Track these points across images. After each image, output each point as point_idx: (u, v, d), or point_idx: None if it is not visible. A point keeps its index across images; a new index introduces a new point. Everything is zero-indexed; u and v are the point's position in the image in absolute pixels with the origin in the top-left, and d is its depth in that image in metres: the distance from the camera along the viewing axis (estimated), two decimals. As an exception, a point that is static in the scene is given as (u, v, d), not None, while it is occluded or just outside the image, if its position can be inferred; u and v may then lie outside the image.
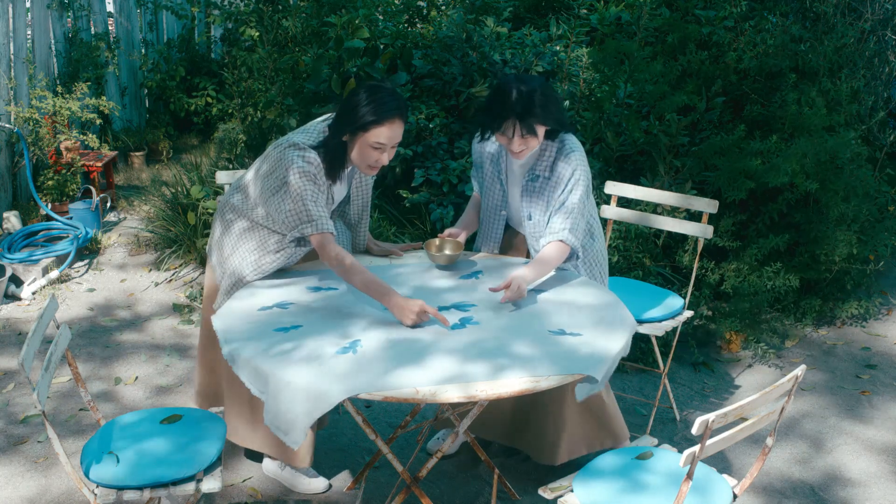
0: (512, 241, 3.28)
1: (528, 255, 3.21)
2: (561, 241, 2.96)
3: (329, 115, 2.99)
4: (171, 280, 5.06)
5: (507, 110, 2.87)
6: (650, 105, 4.76)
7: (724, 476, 2.55)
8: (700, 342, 4.41)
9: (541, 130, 2.92)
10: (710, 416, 2.15)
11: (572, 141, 3.03)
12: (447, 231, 3.16)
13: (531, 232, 3.09)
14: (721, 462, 3.48)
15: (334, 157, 2.87)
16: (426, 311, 2.64)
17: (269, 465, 3.33)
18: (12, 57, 5.66)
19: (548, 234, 2.99)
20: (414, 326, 2.63)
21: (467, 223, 3.26)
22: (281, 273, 3.02)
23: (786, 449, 3.61)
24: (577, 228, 2.99)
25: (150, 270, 5.20)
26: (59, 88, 5.92)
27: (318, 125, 2.95)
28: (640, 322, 3.46)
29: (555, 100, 2.94)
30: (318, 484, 3.26)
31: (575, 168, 2.98)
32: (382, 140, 2.81)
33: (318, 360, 2.43)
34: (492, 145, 3.14)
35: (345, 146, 2.87)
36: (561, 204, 2.98)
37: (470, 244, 3.61)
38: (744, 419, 2.32)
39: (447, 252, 3.09)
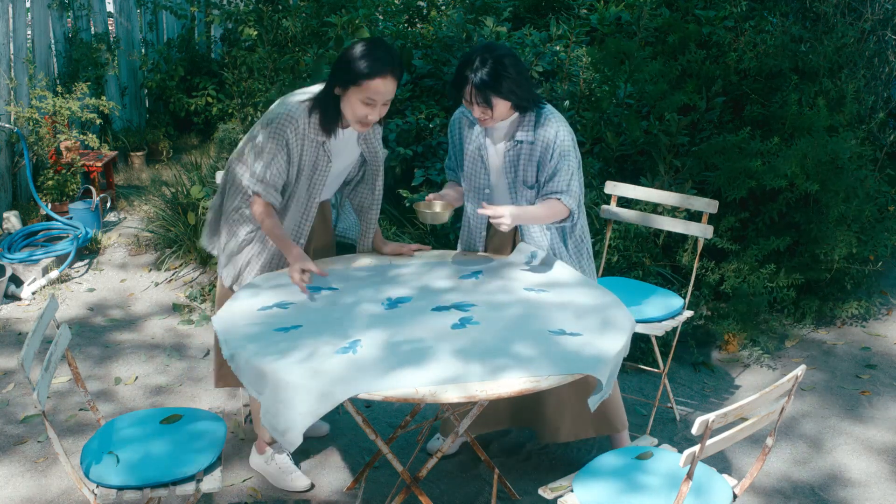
0: (494, 242, 3.25)
1: (512, 248, 3.20)
2: (558, 199, 2.97)
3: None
4: (170, 280, 5.06)
5: (466, 76, 2.88)
6: (650, 105, 4.76)
7: (724, 476, 2.55)
8: (700, 342, 4.41)
9: (500, 103, 2.90)
10: (710, 416, 2.15)
11: (549, 108, 3.02)
12: (432, 195, 3.12)
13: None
14: (721, 462, 3.48)
15: (326, 109, 2.88)
16: (307, 269, 2.79)
17: (255, 460, 3.34)
18: (12, 57, 5.66)
19: (544, 194, 2.99)
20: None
21: (449, 195, 3.18)
22: (281, 273, 3.02)
23: (786, 449, 3.61)
24: (572, 191, 2.98)
25: (150, 270, 5.20)
26: (59, 88, 5.92)
27: (318, 86, 2.98)
28: (640, 322, 3.46)
29: (518, 74, 2.90)
30: (301, 482, 3.26)
31: (557, 129, 2.96)
32: (373, 95, 2.81)
33: (317, 360, 2.43)
34: (470, 123, 3.12)
35: (337, 99, 2.87)
36: (554, 167, 2.96)
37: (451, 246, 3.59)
38: (744, 419, 2.32)
39: (437, 209, 3.07)
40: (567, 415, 3.17)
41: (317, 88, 2.96)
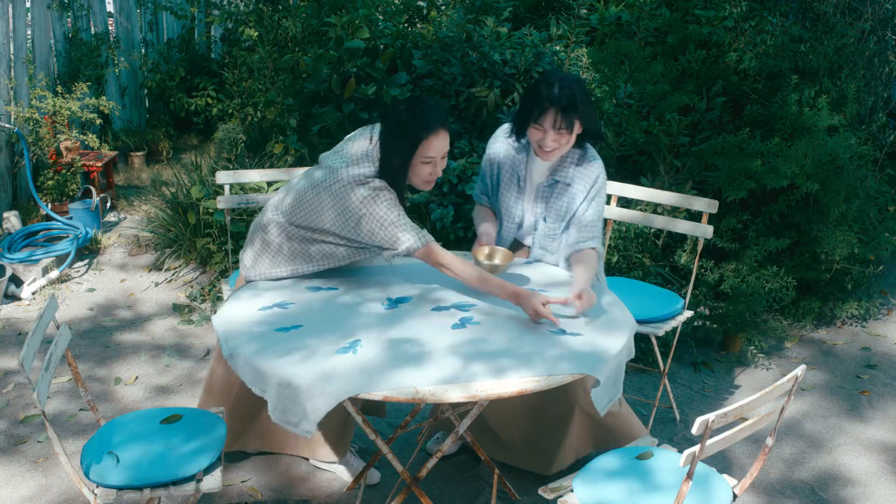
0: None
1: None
2: (593, 248, 3.00)
3: (355, 133, 2.94)
4: (170, 280, 5.06)
5: (549, 101, 2.85)
6: (650, 105, 4.76)
7: (724, 476, 2.55)
8: (700, 342, 4.41)
9: (576, 129, 2.90)
10: (710, 416, 2.15)
11: (592, 151, 3.04)
12: (489, 247, 3.02)
13: (538, 239, 3.09)
14: (721, 462, 3.48)
15: (394, 181, 2.82)
16: (541, 312, 2.64)
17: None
18: (12, 57, 5.66)
19: (580, 241, 3.01)
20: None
21: (489, 233, 3.11)
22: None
23: (786, 449, 3.61)
24: (598, 238, 3.03)
25: (150, 270, 5.20)
26: (59, 88, 5.92)
27: (360, 145, 2.86)
28: (640, 322, 3.46)
29: (592, 101, 2.94)
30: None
31: (597, 175, 3.00)
32: (431, 154, 2.78)
33: (318, 360, 2.43)
34: (510, 149, 3.10)
35: (400, 169, 2.82)
36: (585, 212, 3.00)
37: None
38: (744, 419, 2.32)
39: (497, 261, 2.98)
40: (565, 444, 3.17)
41: (357, 148, 2.86)
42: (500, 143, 3.14)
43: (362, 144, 2.85)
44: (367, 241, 2.83)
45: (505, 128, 3.15)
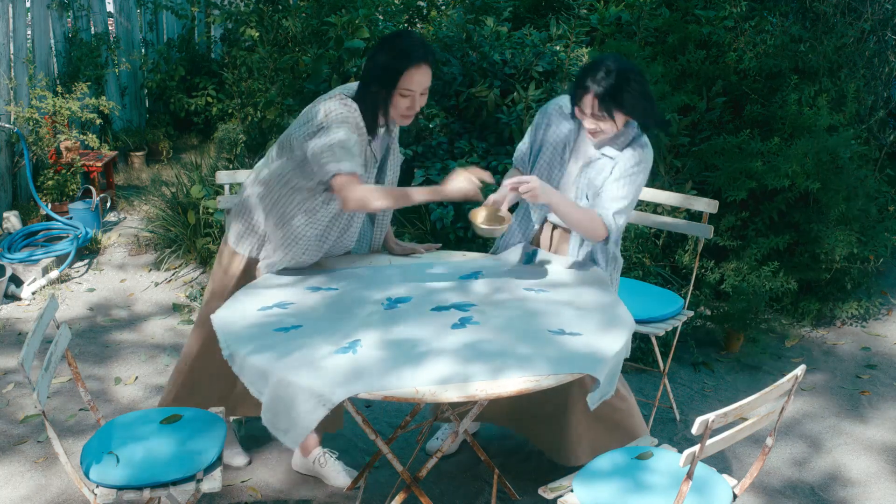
0: (552, 239, 3.18)
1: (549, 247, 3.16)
2: (603, 220, 2.88)
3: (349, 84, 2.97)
4: (170, 280, 5.06)
5: (590, 85, 2.82)
6: (650, 105, 4.76)
7: (724, 476, 2.55)
8: (700, 342, 4.41)
9: (619, 118, 2.84)
10: (710, 416, 2.15)
11: (645, 139, 2.95)
12: (491, 198, 2.94)
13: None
14: (721, 462, 3.48)
15: (367, 108, 2.83)
16: (474, 178, 2.72)
17: (298, 461, 3.37)
18: (12, 57, 5.66)
19: (594, 204, 2.91)
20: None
21: (500, 203, 3.00)
22: (282, 273, 3.02)
23: (786, 449, 3.61)
24: (620, 216, 2.89)
25: (150, 270, 5.20)
26: (59, 88, 5.92)
27: (349, 84, 2.92)
28: (640, 322, 3.46)
29: (644, 93, 2.84)
30: (342, 479, 3.30)
31: (640, 160, 2.90)
32: (412, 87, 2.79)
33: (318, 360, 2.43)
34: (563, 119, 3.03)
35: (375, 97, 2.82)
36: (613, 184, 2.88)
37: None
38: (744, 419, 2.32)
39: (493, 224, 2.89)
40: (585, 442, 3.14)
41: (348, 88, 2.92)
42: (555, 119, 3.05)
43: (348, 86, 2.92)
44: (310, 154, 2.81)
45: (564, 97, 3.07)
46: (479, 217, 2.88)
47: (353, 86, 2.93)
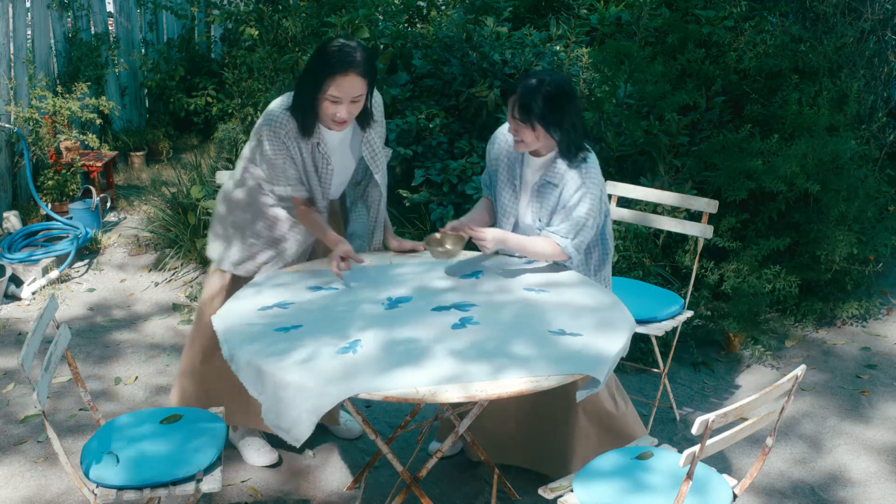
0: None
1: None
2: (556, 242, 2.95)
3: None
4: (170, 280, 5.06)
5: (518, 86, 2.89)
6: (650, 105, 4.76)
7: (724, 476, 2.55)
8: (700, 342, 4.41)
9: (538, 130, 2.88)
10: (710, 416, 2.15)
11: (590, 157, 2.97)
12: (449, 224, 3.04)
13: None
14: (721, 462, 3.48)
15: (299, 111, 2.94)
16: (348, 256, 2.90)
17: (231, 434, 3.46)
18: (12, 57, 5.66)
19: (548, 231, 2.97)
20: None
21: (473, 219, 3.13)
22: (282, 273, 3.02)
23: (786, 449, 3.61)
24: (580, 242, 2.95)
25: (150, 270, 5.20)
26: (59, 88, 5.92)
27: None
28: (640, 322, 3.46)
29: (571, 107, 2.87)
30: (264, 459, 3.40)
31: (584, 180, 2.91)
32: (336, 94, 2.85)
33: (318, 360, 2.43)
34: (510, 147, 3.08)
35: (311, 100, 2.91)
36: (563, 208, 2.94)
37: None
38: (744, 419, 2.32)
39: (448, 246, 3.00)
40: (578, 449, 3.15)
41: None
42: (501, 140, 3.13)
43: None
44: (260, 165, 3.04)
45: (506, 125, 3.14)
46: (433, 243, 3.01)
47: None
